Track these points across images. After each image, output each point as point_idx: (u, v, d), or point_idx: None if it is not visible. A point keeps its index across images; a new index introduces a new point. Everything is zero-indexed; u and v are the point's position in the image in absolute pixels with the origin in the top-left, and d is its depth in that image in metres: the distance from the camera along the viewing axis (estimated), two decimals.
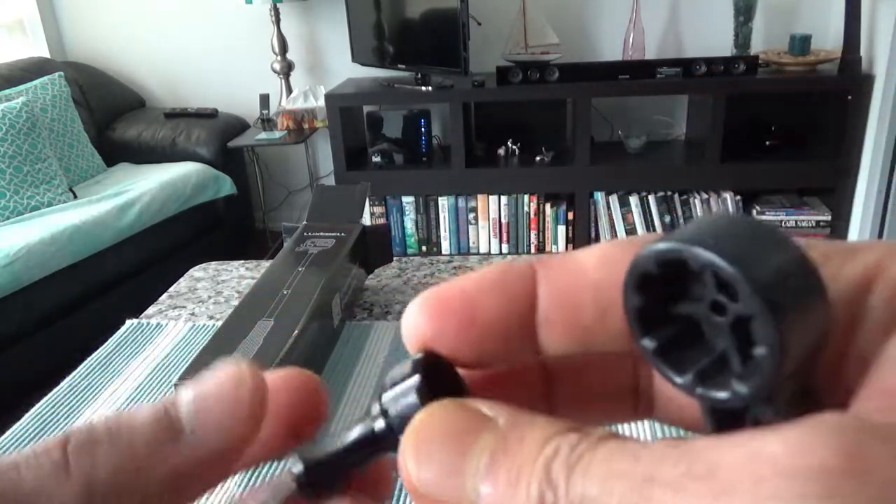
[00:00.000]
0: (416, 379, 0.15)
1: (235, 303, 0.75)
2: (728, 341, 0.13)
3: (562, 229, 2.72)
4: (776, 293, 0.12)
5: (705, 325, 0.14)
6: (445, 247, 2.80)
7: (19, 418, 0.60)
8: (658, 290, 0.14)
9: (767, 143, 2.63)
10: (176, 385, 0.51)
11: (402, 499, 0.47)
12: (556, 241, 2.74)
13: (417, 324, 0.15)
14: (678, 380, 0.14)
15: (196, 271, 0.88)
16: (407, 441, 0.14)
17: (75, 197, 2.38)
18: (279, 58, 2.88)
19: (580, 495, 0.12)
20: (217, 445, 0.14)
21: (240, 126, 2.92)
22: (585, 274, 0.15)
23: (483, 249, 2.78)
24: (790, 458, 0.11)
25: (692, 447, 0.12)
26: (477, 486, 0.13)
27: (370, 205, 2.75)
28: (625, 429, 0.54)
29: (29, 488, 0.13)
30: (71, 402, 0.62)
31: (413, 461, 0.14)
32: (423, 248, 2.82)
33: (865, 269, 0.13)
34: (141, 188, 2.42)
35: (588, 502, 0.12)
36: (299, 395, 0.17)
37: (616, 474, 0.12)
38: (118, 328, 0.74)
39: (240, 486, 0.48)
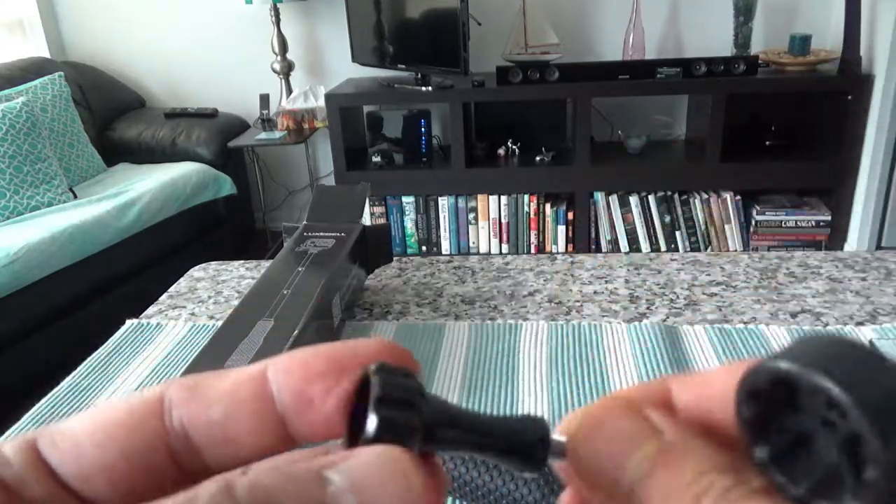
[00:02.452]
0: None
1: (235, 303, 0.75)
2: (840, 457, 0.14)
3: (562, 229, 2.72)
4: (885, 418, 0.13)
5: (816, 436, 0.14)
6: (445, 247, 2.80)
7: (19, 418, 0.60)
8: (770, 402, 0.15)
9: (767, 143, 2.63)
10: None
11: None
12: (556, 242, 2.74)
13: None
14: (793, 491, 0.14)
15: (196, 271, 0.88)
16: (580, 427, 0.16)
17: (75, 197, 2.38)
18: (279, 58, 2.89)
19: None
20: None
21: (240, 126, 2.92)
22: (713, 384, 0.17)
23: (483, 249, 2.78)
24: None
25: None
26: (632, 485, 0.14)
27: (370, 205, 2.75)
28: None
29: None
30: (71, 402, 0.62)
31: (582, 447, 0.15)
32: (423, 248, 2.82)
33: None
34: (141, 188, 2.42)
35: None
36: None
37: None
38: (118, 328, 0.74)
39: None
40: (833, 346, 0.14)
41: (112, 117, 2.91)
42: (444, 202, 2.73)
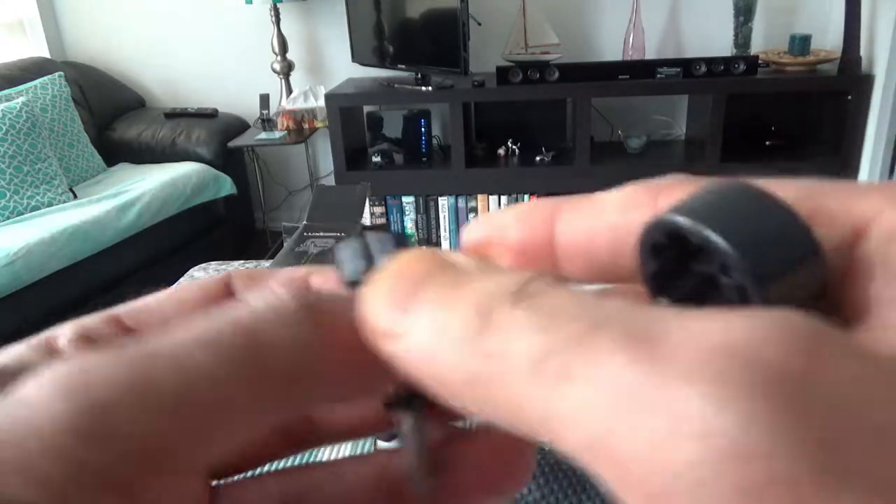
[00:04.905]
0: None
1: None
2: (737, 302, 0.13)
3: None
4: (763, 267, 0.12)
5: (720, 280, 0.14)
6: (445, 247, 2.80)
7: None
8: (674, 251, 0.14)
9: (767, 143, 2.63)
10: None
11: None
12: None
13: (465, 243, 0.17)
14: None
15: (196, 271, 0.88)
16: (373, 278, 0.14)
17: (75, 197, 2.38)
18: (279, 58, 2.88)
19: (517, 321, 0.12)
20: None
21: (240, 126, 2.92)
22: (603, 215, 0.16)
23: None
24: (744, 343, 0.10)
25: (651, 310, 0.11)
26: (416, 315, 0.13)
27: (370, 205, 2.75)
28: None
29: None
30: None
31: (370, 292, 0.14)
32: (423, 248, 2.82)
33: (861, 216, 0.13)
34: (141, 188, 2.42)
35: (520, 330, 0.12)
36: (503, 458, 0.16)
37: (559, 310, 0.12)
38: None
39: None
40: (724, 196, 0.14)
41: (112, 117, 2.91)
42: (444, 202, 2.73)
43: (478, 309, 0.12)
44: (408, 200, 2.75)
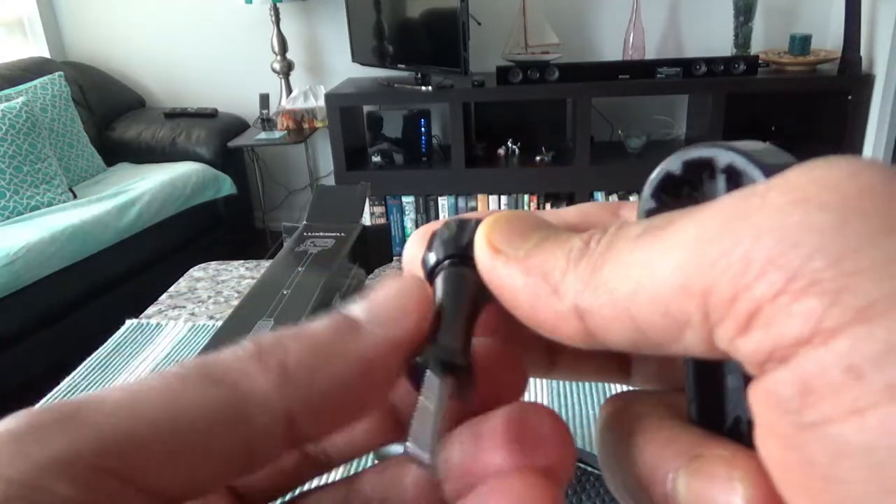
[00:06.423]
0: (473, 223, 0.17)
1: (235, 303, 0.75)
2: None
3: None
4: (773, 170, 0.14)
5: None
6: None
7: None
8: (669, 200, 0.15)
9: (767, 143, 2.63)
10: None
11: None
12: None
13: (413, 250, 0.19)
14: None
15: (196, 271, 0.88)
16: (490, 217, 0.17)
17: (75, 197, 2.38)
18: (279, 58, 2.88)
19: (622, 229, 0.14)
20: (392, 333, 0.15)
21: (240, 126, 2.92)
22: (566, 223, 0.18)
23: None
24: (785, 189, 0.12)
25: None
26: (536, 242, 0.15)
27: (370, 205, 2.75)
28: None
29: (230, 366, 0.14)
30: None
31: (491, 226, 0.16)
32: None
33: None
34: (141, 188, 2.42)
35: (627, 229, 0.14)
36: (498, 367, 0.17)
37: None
38: (118, 328, 0.74)
39: None
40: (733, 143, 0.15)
41: (112, 117, 2.91)
42: (444, 202, 2.73)
43: (585, 237, 0.15)
44: (408, 200, 2.75)
